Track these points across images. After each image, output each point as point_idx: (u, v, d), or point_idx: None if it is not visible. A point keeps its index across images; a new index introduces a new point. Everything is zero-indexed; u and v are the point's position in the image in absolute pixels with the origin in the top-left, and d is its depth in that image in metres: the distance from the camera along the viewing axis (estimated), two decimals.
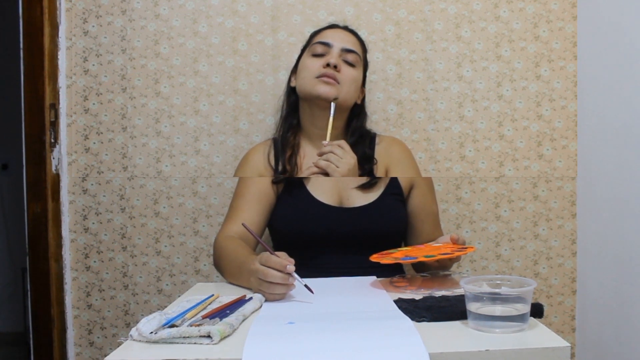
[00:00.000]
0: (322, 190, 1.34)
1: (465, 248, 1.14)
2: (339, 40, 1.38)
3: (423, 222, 1.41)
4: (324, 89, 1.32)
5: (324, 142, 1.28)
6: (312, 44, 1.39)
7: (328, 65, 1.33)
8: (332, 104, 1.31)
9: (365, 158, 1.39)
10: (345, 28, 1.45)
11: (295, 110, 1.44)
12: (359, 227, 1.28)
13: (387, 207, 1.34)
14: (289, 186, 1.35)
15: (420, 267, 1.34)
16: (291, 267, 1.01)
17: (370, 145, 1.42)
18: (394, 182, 1.38)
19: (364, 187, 1.35)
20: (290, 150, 1.39)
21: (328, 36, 1.39)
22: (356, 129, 1.42)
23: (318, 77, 1.33)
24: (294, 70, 1.46)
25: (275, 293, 1.01)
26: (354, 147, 1.37)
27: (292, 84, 1.45)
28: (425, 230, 1.41)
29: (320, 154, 1.26)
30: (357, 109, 1.44)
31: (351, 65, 1.37)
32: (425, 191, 1.45)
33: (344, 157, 1.25)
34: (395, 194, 1.38)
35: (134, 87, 1.69)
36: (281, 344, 0.77)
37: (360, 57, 1.40)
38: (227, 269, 1.24)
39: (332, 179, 1.33)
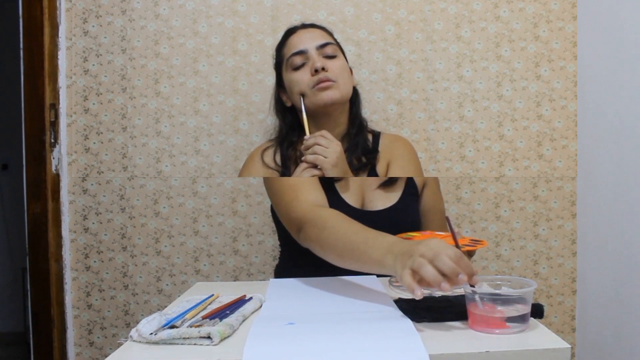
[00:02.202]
0: (350, 192, 1.33)
1: (481, 241, 1.13)
2: (309, 41, 1.32)
3: (432, 220, 1.41)
4: (327, 96, 1.29)
5: (305, 137, 1.26)
6: (288, 59, 1.34)
7: (316, 71, 1.29)
8: (301, 98, 1.30)
9: (367, 148, 1.38)
10: (304, 26, 1.38)
11: (294, 128, 1.39)
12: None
13: (406, 210, 1.33)
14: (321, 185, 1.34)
15: None
16: (476, 280, 0.84)
17: (374, 142, 1.42)
18: (411, 181, 1.38)
19: (385, 187, 1.35)
20: (294, 165, 1.37)
21: (296, 44, 1.33)
22: (356, 117, 1.40)
23: (313, 87, 1.29)
24: (282, 90, 1.40)
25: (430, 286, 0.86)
26: (356, 136, 1.36)
27: (288, 104, 1.39)
28: (434, 227, 1.40)
29: (306, 148, 1.25)
30: (354, 95, 1.41)
31: (333, 57, 1.32)
32: (435, 189, 1.45)
33: (330, 145, 1.23)
34: (413, 194, 1.38)
35: (134, 87, 1.69)
36: (281, 344, 0.77)
37: (336, 45, 1.36)
38: (338, 243, 1.07)
39: (357, 179, 1.33)
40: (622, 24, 1.50)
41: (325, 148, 1.22)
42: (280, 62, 1.38)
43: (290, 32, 1.38)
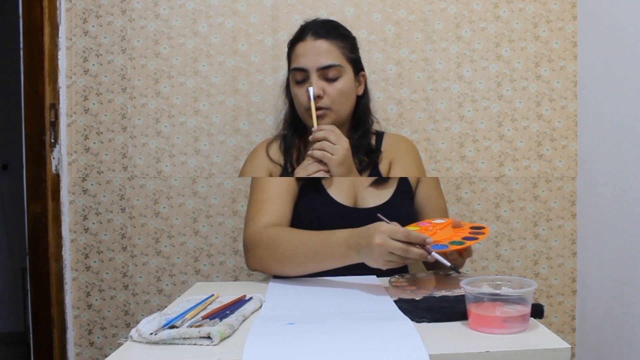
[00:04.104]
0: (339, 190, 1.33)
1: (482, 228, 1.13)
2: (312, 59, 1.30)
3: (429, 217, 1.40)
4: (317, 123, 1.29)
5: (314, 129, 1.26)
6: (291, 70, 1.34)
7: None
8: (310, 89, 1.29)
9: (370, 149, 1.38)
10: (318, 33, 1.32)
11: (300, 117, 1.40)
12: None
13: (399, 207, 1.33)
14: (307, 184, 1.34)
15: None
16: (430, 240, 1.02)
17: (377, 142, 1.42)
18: (404, 179, 1.38)
19: (377, 185, 1.35)
20: (297, 151, 1.38)
21: (300, 56, 1.32)
22: (360, 122, 1.40)
23: (307, 110, 1.30)
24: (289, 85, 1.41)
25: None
26: (359, 139, 1.36)
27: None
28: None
29: (314, 140, 1.25)
30: (358, 100, 1.40)
31: (334, 79, 1.30)
32: (432, 186, 1.43)
33: (338, 142, 1.23)
34: (406, 192, 1.37)
35: (134, 87, 1.69)
36: (281, 344, 0.77)
37: (341, 66, 1.31)
38: (296, 253, 1.15)
39: (348, 179, 1.33)
40: (622, 24, 1.50)
41: (333, 145, 1.23)
42: (289, 59, 1.38)
43: (301, 34, 1.35)
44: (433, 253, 1.00)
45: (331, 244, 1.11)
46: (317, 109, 1.29)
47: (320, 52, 1.30)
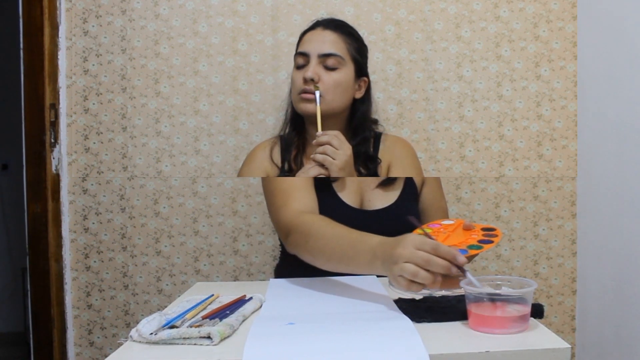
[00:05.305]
0: (347, 191, 1.33)
1: (494, 230, 1.12)
2: (316, 45, 1.31)
3: (432, 217, 1.40)
4: (305, 107, 1.29)
5: (318, 133, 1.26)
6: (295, 55, 1.35)
7: (306, 80, 1.29)
8: (317, 93, 1.29)
9: (369, 157, 1.38)
10: (327, 25, 1.35)
11: (303, 118, 1.40)
12: (379, 231, 1.24)
13: (405, 209, 1.33)
14: (317, 185, 1.33)
15: None
16: (462, 259, 0.88)
17: (375, 144, 1.42)
18: (409, 180, 1.38)
19: (383, 187, 1.35)
20: (296, 150, 1.38)
21: (306, 43, 1.33)
22: (358, 128, 1.39)
23: (299, 93, 1.29)
24: None
25: (425, 284, 0.89)
26: (357, 146, 1.36)
27: None
28: None
29: (317, 144, 1.25)
30: (357, 105, 1.39)
31: (333, 69, 1.30)
32: (435, 187, 1.44)
33: (341, 147, 1.23)
34: (412, 194, 1.38)
35: (134, 87, 1.69)
36: (281, 344, 0.77)
37: (342, 57, 1.32)
38: (325, 249, 1.11)
39: (355, 181, 1.33)
40: (622, 24, 1.50)
41: (336, 150, 1.23)
42: (297, 46, 1.38)
43: (315, 25, 1.36)
44: (467, 273, 0.86)
45: (360, 248, 1.03)
46: (309, 92, 1.28)
47: (324, 41, 1.32)
